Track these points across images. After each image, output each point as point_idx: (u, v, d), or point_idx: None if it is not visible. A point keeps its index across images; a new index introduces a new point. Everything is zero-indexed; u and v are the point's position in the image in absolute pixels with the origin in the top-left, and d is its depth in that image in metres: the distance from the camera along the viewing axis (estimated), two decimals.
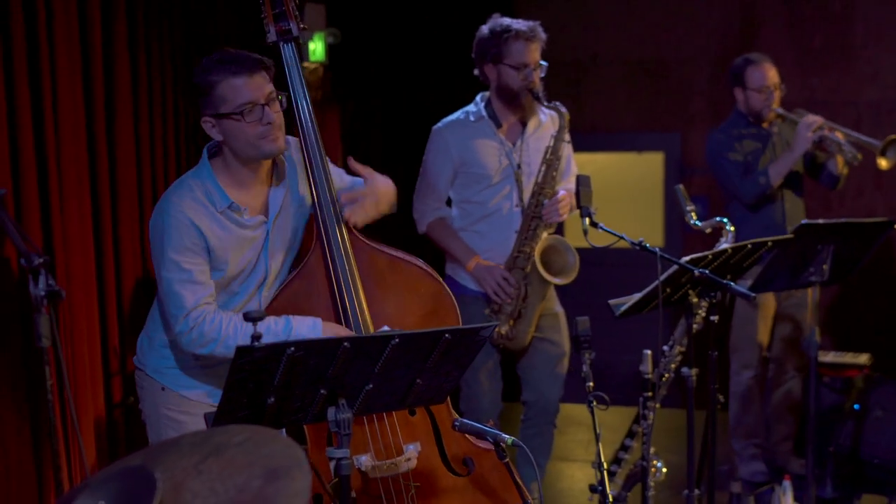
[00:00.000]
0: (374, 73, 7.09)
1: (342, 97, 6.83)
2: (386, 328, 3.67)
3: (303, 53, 5.46)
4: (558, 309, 5.14)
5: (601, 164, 7.79)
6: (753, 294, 4.05)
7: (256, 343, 2.81)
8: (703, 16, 7.67)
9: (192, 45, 5.36)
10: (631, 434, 5.18)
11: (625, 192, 7.89)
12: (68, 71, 4.54)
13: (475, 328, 3.10)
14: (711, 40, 7.67)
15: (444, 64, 7.32)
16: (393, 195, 3.95)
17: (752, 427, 5.90)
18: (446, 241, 5.05)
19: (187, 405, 3.74)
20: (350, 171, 3.99)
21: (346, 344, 2.90)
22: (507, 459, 3.51)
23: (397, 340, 2.96)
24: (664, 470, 4.68)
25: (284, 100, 3.67)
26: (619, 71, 7.81)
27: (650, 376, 4.63)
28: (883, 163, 5.64)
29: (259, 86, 3.55)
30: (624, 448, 5.18)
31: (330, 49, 6.59)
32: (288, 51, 3.89)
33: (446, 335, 3.04)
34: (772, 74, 5.82)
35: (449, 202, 5.15)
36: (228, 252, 3.63)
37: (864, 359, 6.15)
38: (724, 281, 4.04)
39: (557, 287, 5.09)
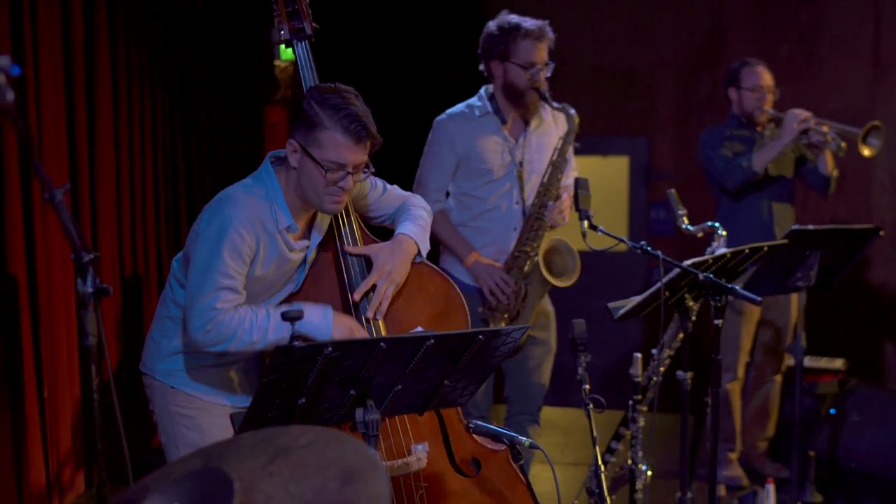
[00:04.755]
0: (348, 70, 7.06)
1: None
2: (419, 329, 3.63)
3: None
4: (549, 308, 5.12)
5: None
6: (760, 298, 4.06)
7: (296, 343, 2.77)
8: (672, 22, 7.72)
9: (169, 32, 5.34)
10: (617, 437, 5.17)
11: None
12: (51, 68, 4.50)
13: (507, 330, 3.09)
14: (679, 46, 7.73)
15: (421, 59, 7.30)
16: (408, 256, 3.75)
17: (728, 431, 5.93)
18: (446, 234, 5.00)
19: (198, 402, 3.68)
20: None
21: (382, 345, 2.87)
22: (522, 461, 3.50)
23: (432, 341, 2.94)
24: (649, 473, 4.69)
25: (370, 173, 3.59)
26: (587, 75, 7.82)
27: (640, 379, 4.64)
28: (865, 150, 5.71)
29: (356, 154, 3.44)
30: (610, 451, 5.18)
31: None
32: (301, 49, 3.84)
33: (480, 336, 3.02)
34: (766, 77, 5.92)
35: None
36: (267, 268, 3.55)
37: (839, 363, 6.23)
38: (730, 285, 4.05)
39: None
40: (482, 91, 5.04)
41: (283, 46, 6.53)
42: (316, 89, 3.51)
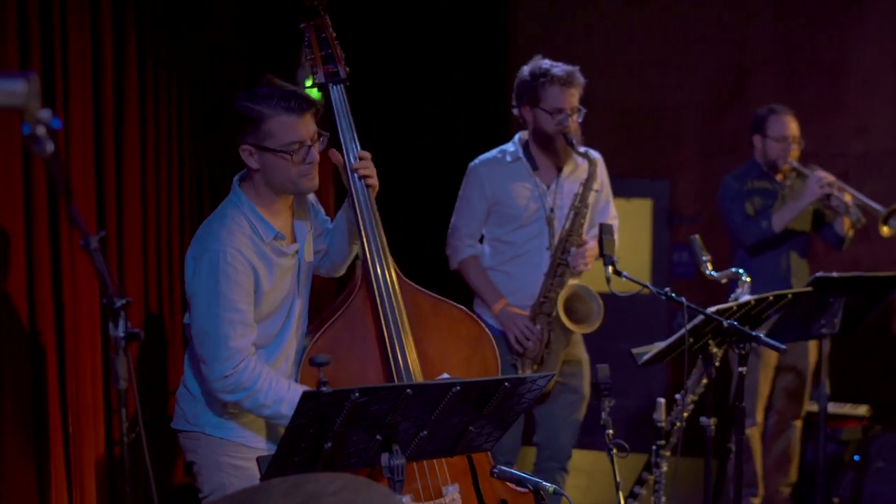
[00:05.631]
0: (369, 109, 7.09)
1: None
2: (445, 376, 3.66)
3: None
4: (583, 356, 5.12)
5: None
6: (784, 346, 4.06)
7: (323, 388, 2.80)
8: (696, 64, 7.75)
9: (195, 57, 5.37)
10: (640, 481, 5.17)
11: None
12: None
13: (533, 377, 3.11)
14: (703, 88, 7.75)
15: (444, 101, 7.31)
16: None
17: (750, 476, 5.91)
18: (476, 280, 5.04)
19: (247, 453, 3.64)
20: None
21: (408, 391, 2.89)
22: None
23: (458, 388, 2.95)
24: None
25: (325, 138, 3.66)
26: (610, 117, 7.83)
27: (663, 424, 4.63)
28: (885, 230, 5.71)
29: (307, 126, 3.52)
30: (633, 495, 5.17)
31: None
32: (336, 93, 3.88)
33: (505, 383, 3.04)
34: (793, 127, 5.89)
35: (481, 239, 5.15)
36: (273, 282, 3.58)
37: (863, 410, 6.20)
38: (755, 333, 4.05)
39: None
40: (516, 137, 5.08)
41: (307, 83, 6.65)
42: (240, 93, 3.56)
